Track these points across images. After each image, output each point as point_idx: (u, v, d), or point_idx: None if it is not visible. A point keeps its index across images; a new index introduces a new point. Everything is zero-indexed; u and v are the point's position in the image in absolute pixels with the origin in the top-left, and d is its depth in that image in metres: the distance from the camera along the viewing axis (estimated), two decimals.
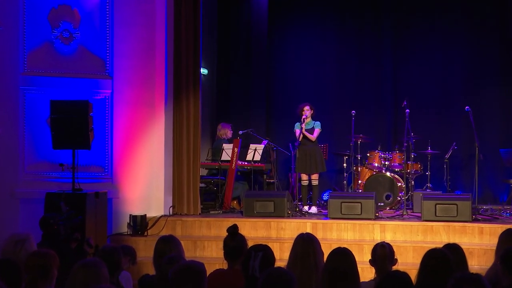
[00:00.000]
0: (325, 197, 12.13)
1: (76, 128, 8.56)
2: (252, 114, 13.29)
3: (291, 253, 4.72)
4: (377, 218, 9.57)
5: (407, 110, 10.49)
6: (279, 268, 3.76)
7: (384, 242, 4.91)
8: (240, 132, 11.64)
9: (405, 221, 9.42)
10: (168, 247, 4.81)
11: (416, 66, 13.01)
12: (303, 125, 10.52)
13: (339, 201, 9.65)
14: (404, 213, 9.92)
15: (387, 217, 9.77)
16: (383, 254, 4.85)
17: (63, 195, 7.97)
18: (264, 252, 4.32)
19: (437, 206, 9.26)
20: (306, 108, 10.64)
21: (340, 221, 9.44)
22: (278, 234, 9.47)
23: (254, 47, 13.42)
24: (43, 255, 4.12)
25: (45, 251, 4.19)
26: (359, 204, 9.55)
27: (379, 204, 10.47)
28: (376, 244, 4.91)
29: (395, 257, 4.99)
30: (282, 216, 9.71)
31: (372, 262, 4.95)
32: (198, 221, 9.74)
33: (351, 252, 4.31)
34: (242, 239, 4.88)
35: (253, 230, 9.39)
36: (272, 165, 11.80)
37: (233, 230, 4.85)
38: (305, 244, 4.69)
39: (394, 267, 4.82)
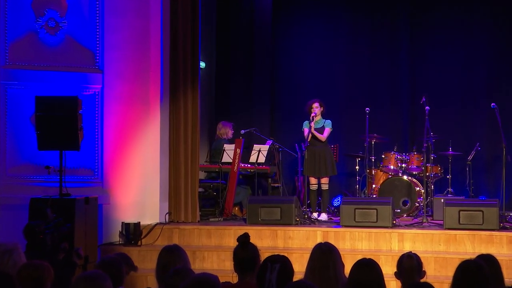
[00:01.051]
0: (335, 203, 12.15)
1: (64, 127, 8.52)
2: (255, 111, 13.28)
3: (308, 265, 4.69)
4: (394, 226, 9.55)
5: (427, 107, 10.46)
6: (303, 282, 3.72)
7: (410, 252, 4.88)
8: (242, 132, 11.64)
9: (425, 230, 9.40)
10: (173, 258, 4.77)
11: (435, 59, 12.99)
12: (312, 124, 10.49)
13: (353, 207, 9.62)
14: (424, 220, 9.90)
15: (405, 225, 9.75)
16: (410, 265, 4.81)
17: (50, 200, 7.94)
18: (282, 264, 4.28)
19: (461, 213, 9.24)
20: (316, 105, 10.60)
21: (354, 229, 9.42)
22: (285, 244, 9.45)
23: (257, 37, 13.40)
24: (37, 267, 4.09)
25: (39, 262, 4.17)
26: (375, 210, 9.54)
27: (395, 210, 10.44)
28: (402, 254, 4.87)
29: (423, 269, 4.95)
30: (289, 224, 9.70)
31: (398, 274, 4.91)
32: (197, 229, 9.73)
33: (377, 263, 4.27)
34: (254, 249, 4.85)
35: (258, 239, 9.34)
36: (277, 167, 11.79)
37: (244, 239, 4.83)
38: (324, 255, 4.65)
39: (422, 280, 4.78)
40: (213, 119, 13.07)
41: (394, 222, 9.66)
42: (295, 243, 9.43)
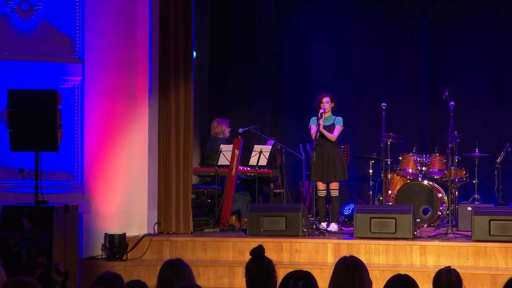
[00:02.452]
0: (346, 211, 12.16)
1: (40, 124, 8.42)
2: (254, 107, 13.30)
3: (331, 282, 4.64)
4: (415, 237, 9.54)
5: (452, 103, 10.43)
6: None
7: (449, 267, 4.84)
8: (240, 130, 11.59)
9: (450, 242, 9.41)
10: (177, 275, 4.72)
11: (460, 50, 13.00)
12: (321, 121, 10.44)
13: (368, 216, 9.64)
14: (449, 231, 9.89)
15: (428, 237, 9.72)
16: (449, 282, 4.75)
17: (27, 208, 7.85)
18: (306, 281, 4.24)
19: (492, 223, 9.23)
20: (326, 99, 10.61)
21: (370, 241, 9.43)
22: (291, 258, 9.47)
23: (257, 24, 13.40)
24: (24, 284, 4.03)
25: (26, 279, 4.11)
26: (393, 220, 9.55)
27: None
28: (440, 270, 4.83)
29: (464, 287, 4.91)
30: (296, 235, 9.70)
31: None
32: (190, 242, 9.73)
33: (415, 280, 4.23)
34: (270, 263, 4.80)
35: None
36: (279, 171, 11.78)
37: (258, 253, 4.79)
38: (350, 271, 4.60)
39: None
40: (206, 116, 13.07)
41: (415, 233, 9.64)
42: (303, 257, 9.44)
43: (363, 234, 9.56)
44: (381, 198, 11.85)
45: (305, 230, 9.83)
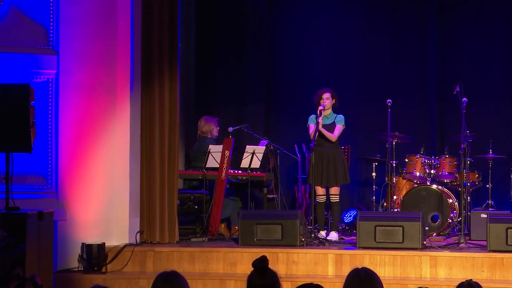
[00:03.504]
0: (346, 218, 12.17)
1: (12, 123, 8.34)
2: (245, 104, 13.34)
3: None
4: (425, 247, 9.54)
5: (464, 99, 10.43)
6: None
7: (471, 280, 4.79)
8: (231, 129, 11.55)
9: (463, 252, 9.41)
10: None
11: (471, 41, 13.07)
12: (320, 119, 10.44)
13: (373, 224, 9.63)
14: (462, 240, 9.88)
15: (438, 247, 9.72)
16: None
17: (0, 216, 7.81)
18: None
19: (509, 231, 9.23)
20: (327, 95, 10.62)
21: (374, 251, 9.42)
22: (288, 270, 9.47)
23: (249, 13, 13.45)
24: None
25: None
26: (400, 228, 9.54)
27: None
28: (461, 283, 4.79)
29: None
30: (293, 245, 9.70)
31: None
32: (176, 252, 9.73)
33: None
34: (274, 276, 4.82)
35: None
36: (273, 174, 11.78)
37: (261, 264, 4.76)
38: (363, 284, 4.62)
39: None
40: (192, 114, 13.08)
41: (425, 242, 9.64)
42: (301, 269, 9.45)
43: (367, 243, 9.55)
44: (385, 204, 11.86)
45: (303, 239, 9.80)
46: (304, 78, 13.19)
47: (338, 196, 10.74)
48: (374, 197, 11.89)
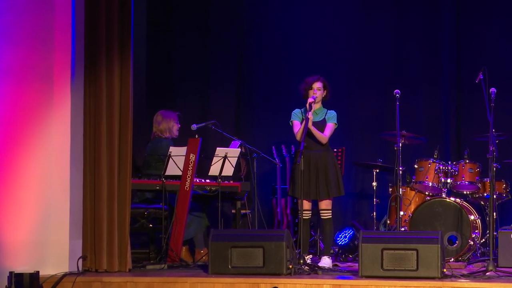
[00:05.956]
0: (340, 240, 12.17)
1: None
2: (211, 96, 13.54)
3: None
4: (445, 276, 9.45)
5: (492, 89, 10.40)
6: None
7: None
8: (194, 127, 11.42)
9: (493, 282, 9.26)
10: None
11: (492, 24, 13.20)
12: (310, 114, 10.41)
13: (379, 247, 9.52)
14: (490, 268, 9.78)
15: (461, 275, 9.66)
16: None
17: None
18: None
19: None
20: (318, 85, 10.64)
21: (382, 281, 9.32)
22: None
23: None
24: None
25: None
26: (414, 252, 9.42)
27: None
28: None
29: None
30: (278, 274, 9.65)
31: None
32: (130, 284, 9.66)
33: None
34: None
35: None
36: (249, 184, 11.81)
37: None
38: None
39: None
40: (143, 108, 13.11)
41: (444, 270, 9.52)
42: None
43: (372, 271, 9.44)
44: (388, 221, 11.90)
45: (290, 266, 9.73)
46: (285, 65, 13.43)
47: (331, 211, 10.79)
48: (375, 213, 11.95)
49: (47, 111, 9.92)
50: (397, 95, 11.11)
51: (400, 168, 11.52)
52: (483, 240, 10.71)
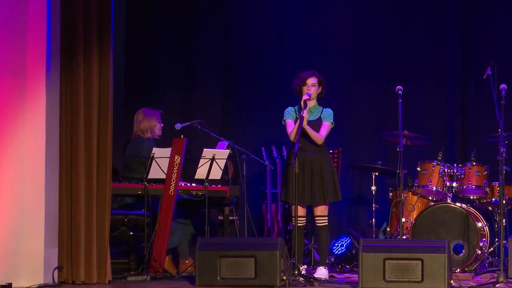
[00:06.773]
0: (337, 249, 12.16)
1: None
2: (195, 93, 13.53)
3: None
4: None
5: (503, 85, 10.40)
6: None
7: None
8: (179, 126, 11.42)
9: None
10: None
11: (500, 16, 13.25)
12: (305, 113, 10.38)
13: (381, 257, 9.52)
14: (501, 279, 9.79)
15: (470, 287, 9.70)
16: None
17: None
18: None
19: None
20: (312, 81, 10.65)
21: None
22: None
23: None
24: None
25: None
26: (419, 262, 9.42)
27: None
28: None
29: None
30: (272, 286, 9.66)
31: None
32: None
33: None
34: None
35: None
36: (238, 188, 11.82)
37: None
38: None
39: None
40: (121, 106, 13.06)
41: (451, 282, 9.55)
42: None
43: (373, 283, 9.44)
44: (388, 229, 11.88)
45: (284, 277, 9.72)
46: (276, 58, 13.44)
47: (327, 218, 10.79)
48: (373, 220, 12.00)
49: (20, 109, 9.91)
50: (400, 92, 11.08)
51: (401, 171, 11.53)
52: (491, 249, 10.72)
